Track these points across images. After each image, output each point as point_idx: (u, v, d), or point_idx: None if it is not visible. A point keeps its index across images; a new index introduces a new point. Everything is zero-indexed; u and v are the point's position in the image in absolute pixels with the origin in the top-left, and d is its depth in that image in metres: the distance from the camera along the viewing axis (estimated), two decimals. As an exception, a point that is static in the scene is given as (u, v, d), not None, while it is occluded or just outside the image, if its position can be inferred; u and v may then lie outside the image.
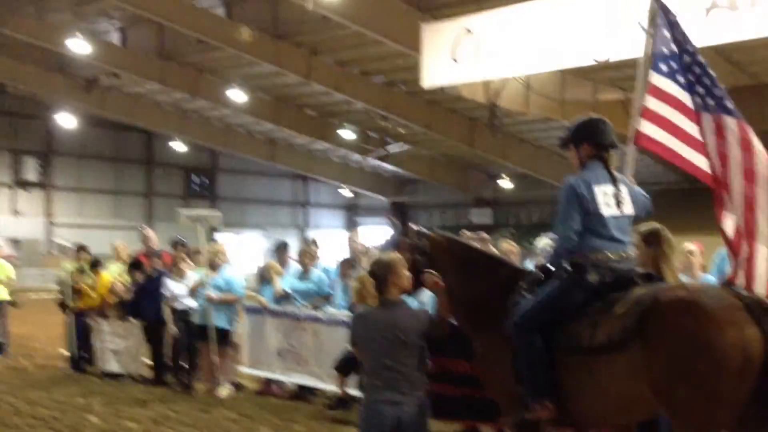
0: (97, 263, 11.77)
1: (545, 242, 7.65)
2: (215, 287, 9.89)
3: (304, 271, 9.91)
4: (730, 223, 4.54)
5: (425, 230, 5.35)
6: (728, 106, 4.74)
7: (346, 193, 36.06)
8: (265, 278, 10.25)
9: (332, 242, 24.92)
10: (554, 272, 4.69)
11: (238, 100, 24.19)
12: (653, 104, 5.05)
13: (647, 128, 5.10)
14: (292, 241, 13.14)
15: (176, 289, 10.24)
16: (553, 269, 4.71)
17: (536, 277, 4.83)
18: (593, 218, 4.58)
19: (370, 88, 21.78)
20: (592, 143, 4.76)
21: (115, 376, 10.99)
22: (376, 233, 30.31)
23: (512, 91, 17.66)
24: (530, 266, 5.83)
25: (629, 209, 4.70)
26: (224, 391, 9.81)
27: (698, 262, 6.89)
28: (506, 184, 29.64)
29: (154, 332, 10.52)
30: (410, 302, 5.05)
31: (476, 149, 24.96)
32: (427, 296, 6.43)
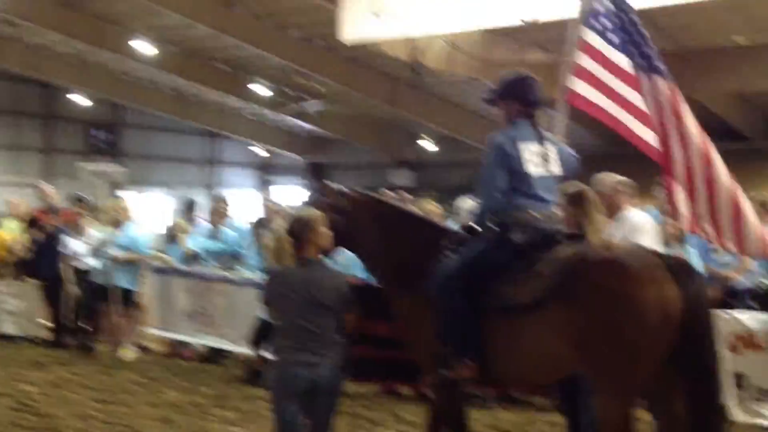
0: (-9, 220, 11.23)
1: (468, 204, 7.52)
2: (119, 246, 9.51)
3: (214, 230, 9.61)
4: (680, 190, 4.56)
5: (344, 189, 5.14)
6: (660, 66, 4.70)
7: (259, 151, 35.31)
8: (172, 238, 9.96)
9: (244, 202, 24.42)
10: (479, 232, 4.61)
11: (145, 52, 23.22)
12: (586, 62, 4.97)
13: (580, 87, 5.02)
14: (201, 200, 12.71)
15: (76, 247, 9.86)
16: (477, 228, 4.63)
17: (460, 236, 4.75)
18: (519, 177, 4.52)
19: (286, 42, 21.20)
20: (520, 100, 4.67)
21: (11, 338, 10.56)
22: (290, 193, 29.86)
23: (437, 49, 17.45)
24: (454, 226, 5.71)
25: (556, 169, 4.65)
26: (128, 353, 9.50)
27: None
28: (429, 145, 29.49)
29: (52, 292, 10.12)
30: (328, 262, 4.85)
31: (398, 109, 24.69)
32: (345, 257, 6.23)
